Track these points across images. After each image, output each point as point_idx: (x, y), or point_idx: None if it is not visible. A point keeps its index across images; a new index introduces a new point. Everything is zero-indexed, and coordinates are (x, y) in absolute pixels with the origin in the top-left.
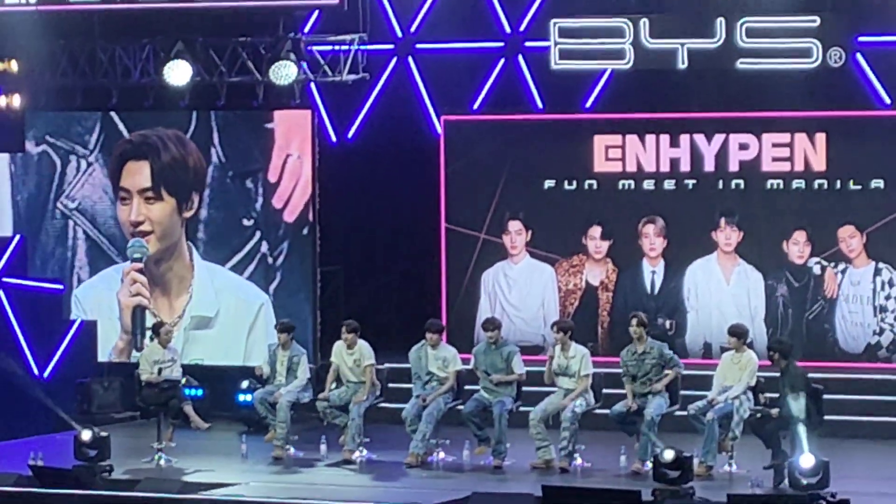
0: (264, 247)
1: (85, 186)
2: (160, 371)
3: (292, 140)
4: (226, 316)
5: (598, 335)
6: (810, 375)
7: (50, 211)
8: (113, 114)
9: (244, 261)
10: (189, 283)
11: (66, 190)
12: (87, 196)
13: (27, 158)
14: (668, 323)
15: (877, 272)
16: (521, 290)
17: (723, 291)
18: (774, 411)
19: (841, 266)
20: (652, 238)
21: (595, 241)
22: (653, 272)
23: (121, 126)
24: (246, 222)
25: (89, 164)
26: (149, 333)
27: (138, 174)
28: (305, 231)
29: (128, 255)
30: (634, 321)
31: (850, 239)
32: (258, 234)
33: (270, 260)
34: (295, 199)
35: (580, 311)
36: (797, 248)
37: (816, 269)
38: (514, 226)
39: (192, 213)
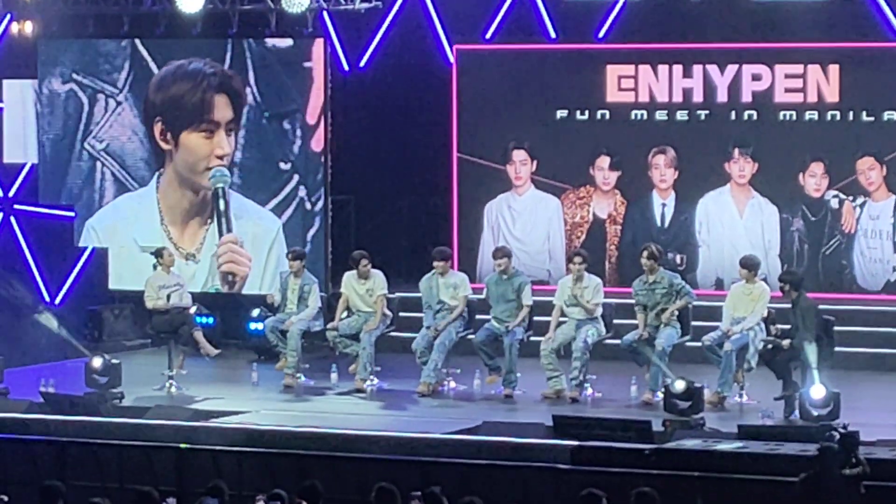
0: (302, 191)
1: (113, 126)
2: (168, 297)
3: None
4: (245, 242)
5: (605, 270)
6: (822, 307)
7: (77, 152)
8: (143, 50)
9: (281, 206)
10: (210, 212)
11: (94, 130)
12: (115, 137)
13: (53, 97)
14: (678, 258)
15: None
16: (526, 222)
17: (736, 225)
18: (786, 342)
19: (860, 200)
20: (662, 169)
21: (603, 171)
22: (663, 205)
23: (151, 64)
24: (283, 166)
25: (118, 104)
26: (153, 260)
27: (225, 106)
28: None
29: (211, 184)
30: (645, 253)
31: (868, 171)
32: (296, 177)
33: (309, 205)
34: None
35: (587, 245)
36: (814, 180)
37: (834, 203)
38: (519, 155)
39: None
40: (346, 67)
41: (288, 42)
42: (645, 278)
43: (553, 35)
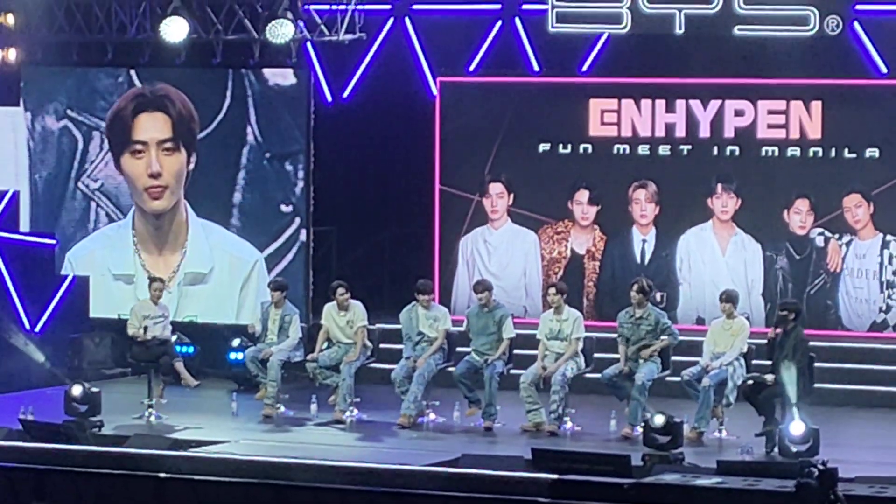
0: (304, 235)
1: (108, 165)
2: (146, 329)
3: None
4: (220, 272)
5: (583, 306)
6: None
7: (71, 191)
8: (139, 85)
9: (282, 249)
10: (184, 240)
11: (88, 169)
12: (110, 176)
13: (46, 134)
14: (658, 295)
15: (884, 245)
16: (502, 257)
17: (718, 262)
18: (769, 377)
19: (846, 238)
20: (643, 204)
21: (582, 206)
22: (643, 241)
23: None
24: (284, 208)
25: None
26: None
27: (156, 125)
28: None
29: None
30: (635, 287)
31: (856, 208)
32: (297, 220)
33: (311, 250)
34: None
35: (564, 281)
36: (799, 217)
37: (819, 241)
38: (496, 188)
39: (192, 167)
40: (329, 98)
41: (291, 80)
42: (632, 311)
43: (537, 68)
